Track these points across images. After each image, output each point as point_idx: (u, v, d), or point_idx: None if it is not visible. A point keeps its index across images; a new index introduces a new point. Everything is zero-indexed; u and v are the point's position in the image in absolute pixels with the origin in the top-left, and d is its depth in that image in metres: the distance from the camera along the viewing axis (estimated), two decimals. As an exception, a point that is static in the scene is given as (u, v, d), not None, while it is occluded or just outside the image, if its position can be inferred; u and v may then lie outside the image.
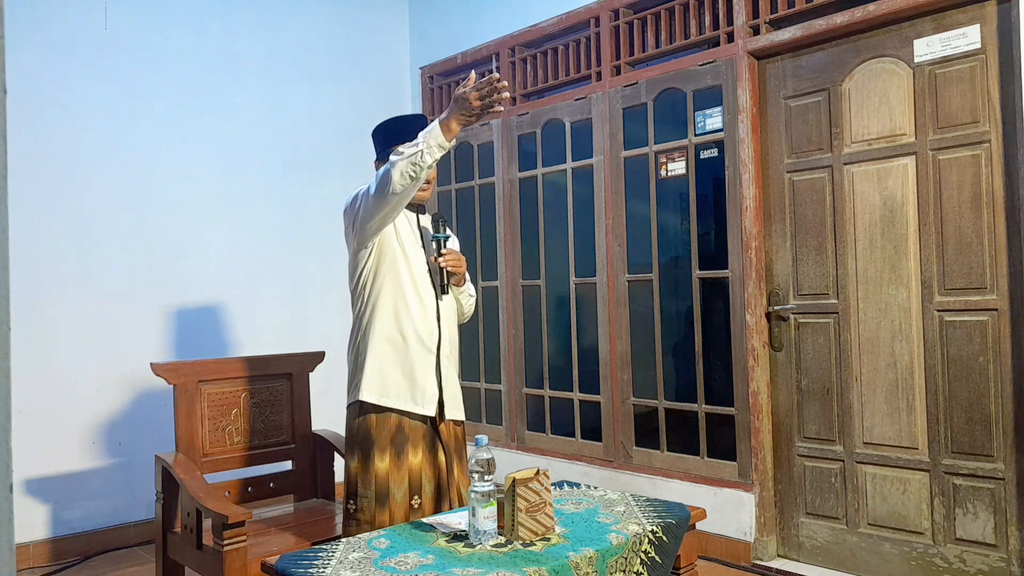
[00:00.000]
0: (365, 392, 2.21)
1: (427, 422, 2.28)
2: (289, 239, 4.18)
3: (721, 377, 3.27)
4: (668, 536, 1.95)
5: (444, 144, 2.03)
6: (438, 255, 2.29)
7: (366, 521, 2.18)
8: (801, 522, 3.07)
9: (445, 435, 2.32)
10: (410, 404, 2.23)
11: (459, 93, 2.02)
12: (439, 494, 2.29)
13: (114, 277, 3.60)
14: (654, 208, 3.50)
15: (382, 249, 2.23)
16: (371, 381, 2.21)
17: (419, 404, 2.23)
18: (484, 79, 2.01)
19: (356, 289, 2.29)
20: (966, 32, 2.66)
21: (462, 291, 2.44)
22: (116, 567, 3.31)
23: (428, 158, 2.01)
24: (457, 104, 2.02)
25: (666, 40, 3.45)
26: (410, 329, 2.23)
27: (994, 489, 2.62)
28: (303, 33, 4.28)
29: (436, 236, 2.30)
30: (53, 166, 3.45)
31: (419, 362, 2.24)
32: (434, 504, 2.27)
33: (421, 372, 2.24)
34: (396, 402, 2.22)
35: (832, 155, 2.98)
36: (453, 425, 2.35)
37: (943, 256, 2.72)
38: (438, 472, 2.29)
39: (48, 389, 3.39)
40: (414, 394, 2.23)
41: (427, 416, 2.26)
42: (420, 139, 2.03)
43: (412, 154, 2.01)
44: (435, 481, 2.28)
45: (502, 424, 4.16)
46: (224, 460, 2.73)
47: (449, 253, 2.30)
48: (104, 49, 3.60)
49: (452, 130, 2.03)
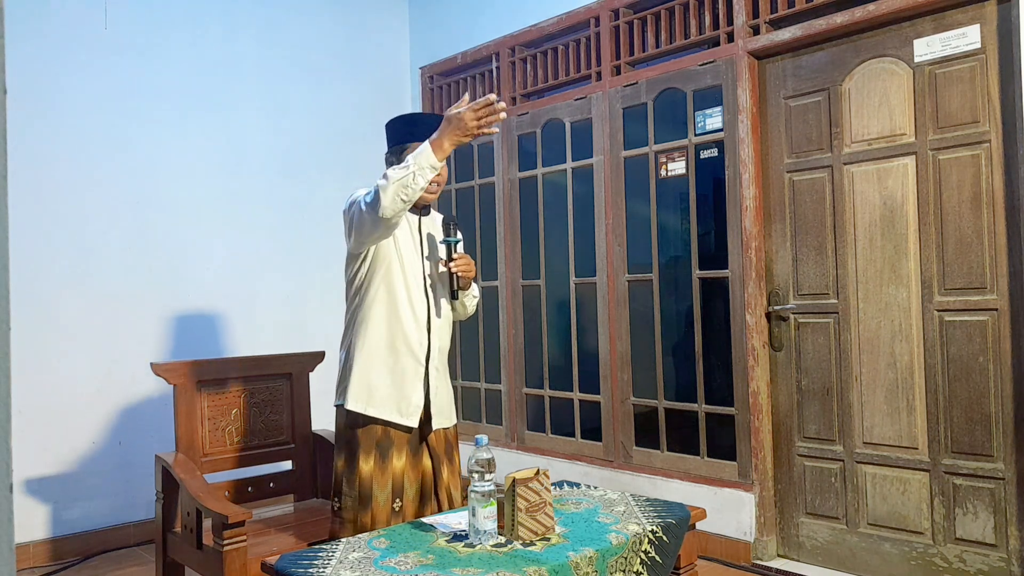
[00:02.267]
0: (351, 401, 2.21)
1: (412, 430, 2.27)
2: (289, 239, 4.18)
3: (721, 377, 3.27)
4: (668, 536, 1.95)
5: (436, 165, 2.00)
6: (448, 259, 2.27)
7: (349, 520, 2.20)
8: (801, 522, 3.07)
9: (433, 440, 2.32)
10: (394, 415, 2.23)
11: (453, 114, 1.99)
12: (422, 497, 2.30)
13: (114, 277, 3.60)
14: (654, 208, 3.50)
15: (377, 257, 2.22)
16: (357, 389, 2.21)
17: (403, 415, 2.23)
18: (483, 100, 1.98)
19: (350, 293, 2.29)
20: (966, 32, 2.65)
21: (467, 293, 2.42)
22: (116, 567, 3.31)
23: (420, 180, 1.98)
24: (451, 124, 1.99)
25: (666, 40, 3.45)
26: (400, 339, 2.22)
27: (994, 489, 2.62)
28: (303, 33, 4.28)
29: (447, 240, 2.28)
30: (53, 166, 3.45)
31: (407, 372, 2.23)
32: (416, 507, 2.28)
33: (408, 382, 2.23)
34: (380, 412, 2.22)
35: (832, 155, 2.98)
36: (443, 430, 2.35)
37: (943, 256, 2.72)
38: (421, 475, 2.30)
39: (48, 389, 3.39)
40: (399, 405, 2.23)
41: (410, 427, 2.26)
42: (411, 161, 1.99)
43: (403, 177, 1.97)
44: (417, 484, 2.29)
45: (502, 424, 4.16)
46: (224, 460, 2.73)
47: (460, 258, 2.28)
48: (104, 49, 3.60)
49: (444, 150, 2.00)
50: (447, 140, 2.00)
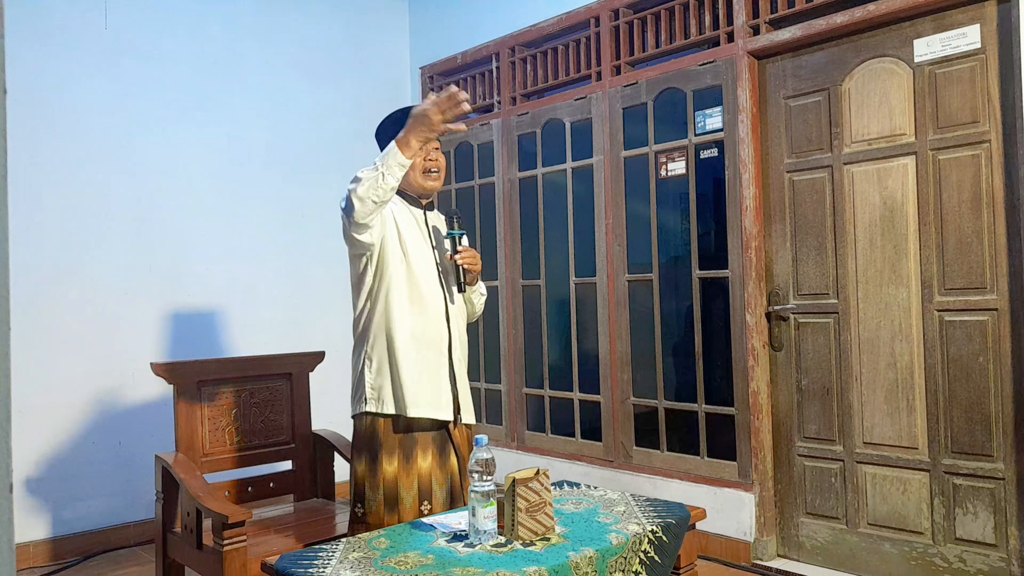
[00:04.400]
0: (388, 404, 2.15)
1: (436, 426, 2.22)
2: (289, 238, 4.17)
3: (721, 377, 3.27)
4: (668, 536, 1.95)
5: (404, 163, 2.00)
6: (454, 252, 2.26)
7: (375, 525, 2.12)
8: (801, 522, 3.07)
9: (458, 439, 2.27)
10: (431, 411, 2.17)
11: (418, 110, 1.98)
12: (451, 499, 2.23)
13: (114, 277, 3.60)
14: (654, 208, 3.50)
15: (384, 255, 2.17)
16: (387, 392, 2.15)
17: (438, 410, 2.18)
18: (443, 93, 1.96)
19: (358, 295, 2.22)
20: (966, 32, 2.65)
21: (474, 290, 2.40)
22: (116, 567, 3.31)
23: (390, 179, 1.99)
24: (416, 120, 1.98)
25: (666, 40, 3.45)
26: (420, 333, 2.18)
27: (994, 489, 2.62)
28: (303, 33, 4.28)
29: (451, 233, 2.27)
30: (52, 166, 3.45)
31: (432, 365, 2.19)
32: (445, 510, 2.19)
33: (437, 375, 2.20)
34: (419, 410, 2.15)
35: (832, 155, 2.98)
36: (465, 428, 2.31)
37: (943, 256, 2.72)
38: (450, 477, 2.23)
39: (48, 389, 3.39)
40: (432, 399, 2.17)
41: (439, 421, 2.20)
42: (379, 162, 2.00)
43: (372, 178, 1.98)
44: (447, 486, 2.22)
45: (502, 424, 4.16)
46: (224, 460, 2.73)
47: (465, 250, 2.26)
48: (104, 49, 3.60)
49: (412, 148, 1.99)
50: (413, 137, 1.99)
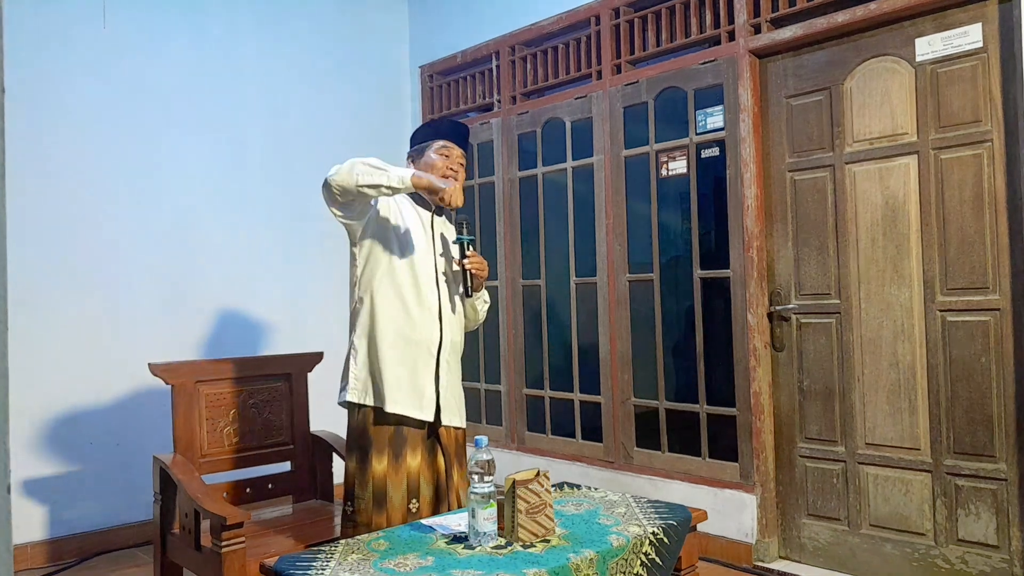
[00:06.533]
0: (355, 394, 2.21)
1: (425, 426, 2.26)
2: (289, 239, 4.16)
3: (722, 377, 3.26)
4: (669, 538, 1.94)
5: (405, 182, 2.07)
6: (462, 257, 2.27)
7: (363, 523, 2.17)
8: (803, 523, 3.06)
9: (445, 438, 2.31)
10: (409, 408, 2.21)
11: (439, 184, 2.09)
12: (437, 498, 2.28)
13: (113, 277, 3.58)
14: (655, 207, 3.49)
15: (375, 248, 2.23)
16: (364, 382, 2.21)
17: (418, 409, 2.22)
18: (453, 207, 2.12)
19: (353, 286, 2.28)
20: (968, 31, 2.64)
21: (478, 296, 2.43)
22: (114, 568, 3.30)
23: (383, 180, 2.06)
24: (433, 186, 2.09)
25: (667, 39, 3.44)
26: (408, 329, 2.22)
27: (996, 490, 2.60)
28: (303, 32, 4.27)
29: (460, 239, 2.28)
30: (52, 166, 3.44)
31: (417, 363, 2.23)
32: (432, 508, 2.26)
33: (420, 374, 2.23)
34: (395, 406, 2.19)
35: (834, 154, 2.97)
36: (453, 429, 2.33)
37: (945, 256, 2.71)
38: (437, 476, 2.28)
39: (47, 389, 3.38)
40: (412, 398, 2.21)
41: (425, 420, 2.24)
42: (390, 167, 2.08)
43: (375, 167, 2.07)
44: (433, 485, 2.27)
45: (502, 425, 4.14)
46: (222, 461, 2.72)
47: (474, 256, 2.28)
48: (103, 49, 3.58)
49: (417, 182, 2.09)
50: (425, 184, 2.10)
